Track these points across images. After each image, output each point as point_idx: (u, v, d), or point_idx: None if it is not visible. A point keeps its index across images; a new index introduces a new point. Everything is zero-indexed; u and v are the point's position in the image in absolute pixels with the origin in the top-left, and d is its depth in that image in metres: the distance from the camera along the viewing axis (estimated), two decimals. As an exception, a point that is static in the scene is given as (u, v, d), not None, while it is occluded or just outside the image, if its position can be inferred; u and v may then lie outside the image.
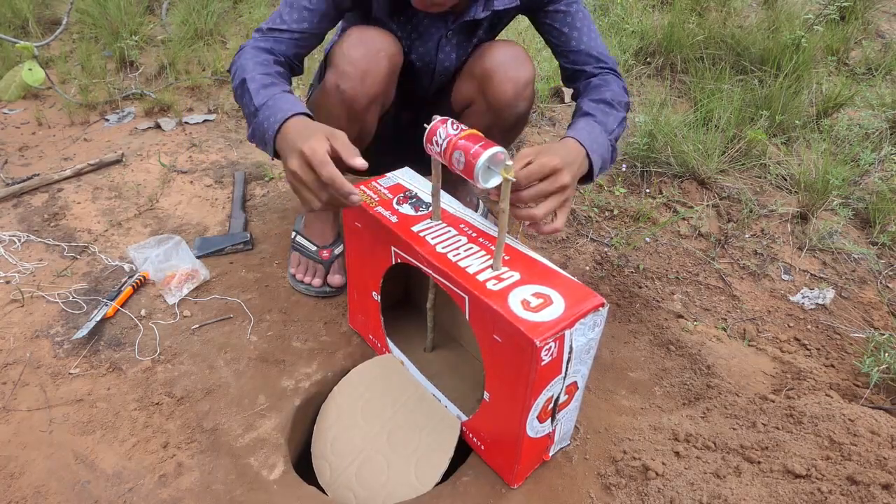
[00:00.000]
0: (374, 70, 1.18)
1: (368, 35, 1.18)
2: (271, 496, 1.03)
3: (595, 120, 1.15)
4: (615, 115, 1.19)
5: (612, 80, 1.23)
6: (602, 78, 1.24)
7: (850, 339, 1.42)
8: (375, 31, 1.19)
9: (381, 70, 1.19)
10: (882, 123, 2.16)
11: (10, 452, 1.08)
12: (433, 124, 0.94)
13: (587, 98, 1.21)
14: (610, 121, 1.17)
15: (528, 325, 0.86)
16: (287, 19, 1.18)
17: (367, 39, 1.18)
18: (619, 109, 1.20)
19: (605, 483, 1.05)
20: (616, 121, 1.18)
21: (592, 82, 1.24)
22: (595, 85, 1.23)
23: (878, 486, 0.94)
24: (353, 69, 1.17)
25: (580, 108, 1.20)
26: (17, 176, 1.81)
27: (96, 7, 2.61)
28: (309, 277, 1.43)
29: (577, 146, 1.07)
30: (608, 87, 1.22)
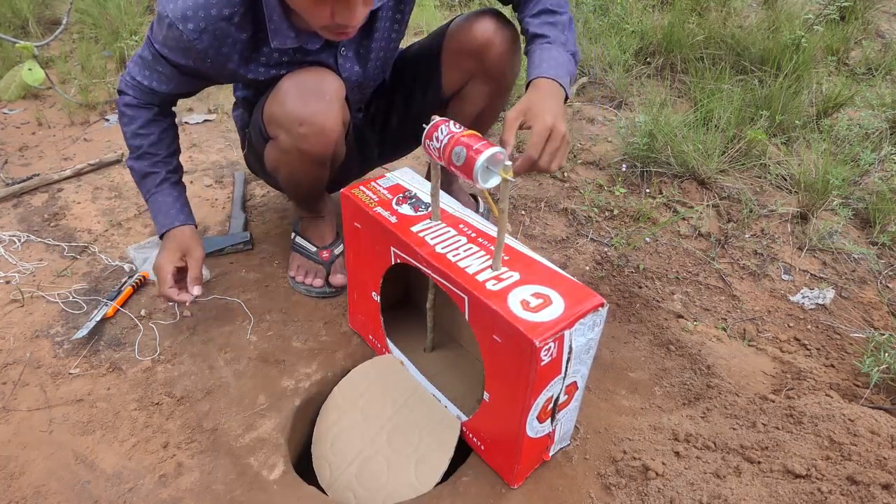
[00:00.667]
0: (330, 121, 1.13)
1: (305, 83, 1.12)
2: (271, 496, 1.03)
3: (548, 41, 1.14)
4: (561, 21, 1.16)
5: None
6: None
7: (850, 339, 1.42)
8: (311, 75, 1.13)
9: (337, 116, 1.15)
10: (882, 123, 2.16)
11: (10, 452, 1.08)
12: (434, 122, 0.94)
13: (528, 14, 1.18)
14: (559, 31, 1.15)
15: (528, 325, 0.86)
16: (148, 76, 1.20)
17: (308, 89, 1.12)
18: (562, 11, 1.17)
19: (605, 483, 1.05)
20: (564, 27, 1.16)
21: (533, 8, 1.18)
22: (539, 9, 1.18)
23: (878, 486, 0.94)
24: (309, 130, 1.12)
25: (527, 30, 1.17)
26: (17, 176, 1.81)
27: (96, 7, 2.61)
28: (310, 279, 1.43)
29: (549, 83, 1.08)
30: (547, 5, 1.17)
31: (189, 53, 1.11)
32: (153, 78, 1.20)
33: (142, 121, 1.24)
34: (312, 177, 1.27)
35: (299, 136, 1.14)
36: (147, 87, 1.21)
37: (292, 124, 1.13)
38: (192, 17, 1.06)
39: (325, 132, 1.14)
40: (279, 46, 1.12)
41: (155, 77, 1.19)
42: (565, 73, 1.12)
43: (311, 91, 1.12)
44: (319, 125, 1.13)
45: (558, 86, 1.09)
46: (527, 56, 1.16)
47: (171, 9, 1.06)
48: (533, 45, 1.16)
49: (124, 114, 1.24)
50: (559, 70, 1.11)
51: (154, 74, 1.19)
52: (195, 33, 1.07)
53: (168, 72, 1.18)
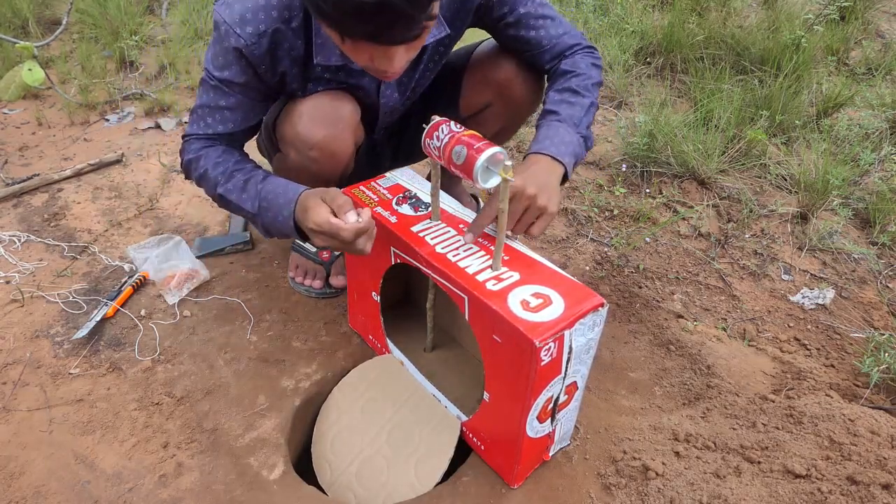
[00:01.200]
0: (342, 146, 1.13)
1: (320, 107, 1.11)
2: (271, 496, 1.03)
3: (559, 119, 1.13)
4: (581, 102, 1.15)
5: (579, 60, 1.19)
6: (570, 60, 1.19)
7: (850, 339, 1.42)
8: (327, 99, 1.11)
9: (349, 141, 1.14)
10: (882, 123, 2.16)
11: (10, 452, 1.08)
12: (435, 122, 0.94)
13: (553, 89, 1.18)
14: (576, 112, 1.14)
15: (528, 325, 0.85)
16: (211, 122, 1.12)
17: (322, 112, 1.11)
18: (586, 95, 1.16)
19: (605, 483, 1.05)
20: (583, 109, 1.15)
21: (560, 68, 1.19)
22: (562, 71, 1.19)
23: (878, 486, 0.94)
24: (320, 154, 1.12)
25: (545, 103, 1.18)
26: (17, 176, 1.81)
27: (96, 7, 2.61)
28: (309, 280, 1.43)
29: (545, 160, 1.07)
30: (576, 70, 1.18)
31: (247, 64, 1.05)
32: (216, 121, 1.12)
33: (215, 154, 1.13)
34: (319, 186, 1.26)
35: (309, 159, 1.13)
36: (210, 135, 1.13)
37: (303, 147, 1.12)
38: (252, 20, 1.01)
39: (336, 157, 1.14)
40: (322, 63, 1.08)
41: (218, 117, 1.12)
42: (569, 153, 1.10)
43: (325, 116, 1.11)
44: (330, 150, 1.12)
45: (555, 163, 1.07)
46: (535, 129, 1.15)
47: (227, 14, 1.01)
48: (542, 120, 1.15)
49: (192, 162, 1.13)
50: (562, 148, 1.09)
51: (216, 115, 1.11)
52: (254, 37, 1.01)
53: (231, 102, 1.10)
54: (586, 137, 1.16)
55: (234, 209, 1.13)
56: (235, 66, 1.06)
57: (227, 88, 1.08)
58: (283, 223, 1.04)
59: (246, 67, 1.06)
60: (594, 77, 1.19)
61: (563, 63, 1.20)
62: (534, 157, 1.08)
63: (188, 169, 1.16)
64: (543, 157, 1.08)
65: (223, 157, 1.12)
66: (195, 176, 1.15)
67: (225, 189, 1.10)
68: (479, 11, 1.16)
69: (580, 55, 1.21)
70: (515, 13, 1.16)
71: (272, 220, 1.06)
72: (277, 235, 1.10)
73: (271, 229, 1.09)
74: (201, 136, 1.13)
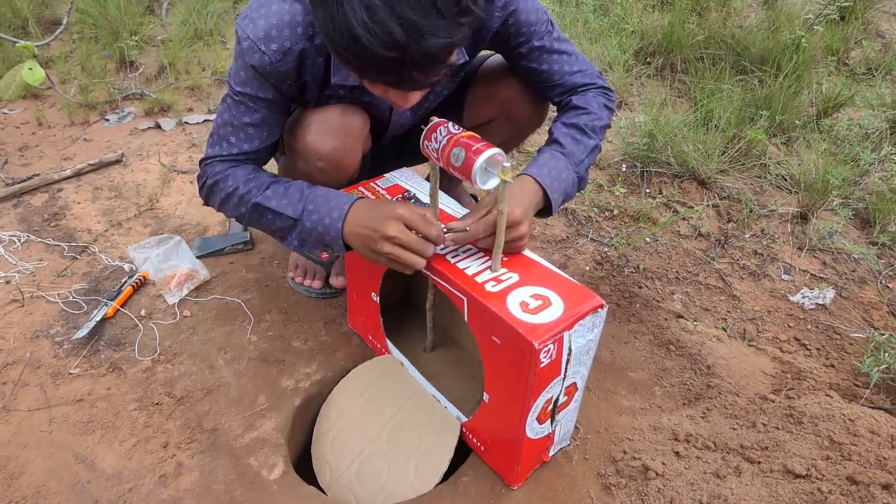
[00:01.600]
0: (349, 158, 1.13)
1: (329, 119, 1.09)
2: (271, 496, 1.03)
3: (562, 151, 1.12)
4: (587, 143, 1.14)
5: (591, 99, 1.18)
6: (583, 97, 1.18)
7: (850, 339, 1.42)
8: (337, 112, 1.10)
9: (356, 154, 1.14)
10: (882, 123, 2.16)
11: (10, 452, 1.08)
12: (434, 123, 0.94)
13: (561, 121, 1.17)
14: (579, 150, 1.13)
15: (527, 327, 0.85)
16: (236, 142, 1.07)
17: (331, 126, 1.09)
18: (592, 136, 1.15)
19: (605, 483, 1.05)
20: (586, 150, 1.14)
21: (572, 102, 1.18)
22: (573, 105, 1.18)
23: (878, 486, 0.94)
24: (328, 165, 1.11)
25: (551, 133, 1.17)
26: (17, 176, 1.81)
27: (96, 7, 2.61)
28: (309, 280, 1.43)
29: (535, 186, 1.06)
30: (587, 108, 1.17)
31: (270, 81, 1.03)
32: (240, 140, 1.07)
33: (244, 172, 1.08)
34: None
35: (316, 169, 1.13)
36: (235, 155, 1.08)
37: (311, 157, 1.11)
38: (277, 37, 0.98)
39: (343, 168, 1.14)
40: (339, 82, 1.06)
41: (242, 136, 1.07)
42: (559, 190, 1.09)
43: (335, 128, 1.09)
44: (338, 162, 1.12)
45: (543, 195, 1.07)
46: (537, 153, 1.14)
47: (251, 30, 0.98)
48: (546, 147, 1.14)
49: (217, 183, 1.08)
50: (555, 183, 1.08)
51: (240, 133, 1.07)
52: (279, 54, 0.99)
53: (255, 118, 1.06)
54: (581, 178, 1.15)
55: (265, 223, 1.07)
56: (259, 83, 1.03)
57: (252, 104, 1.05)
58: (330, 226, 1.00)
59: (270, 83, 1.03)
60: (604, 119, 1.18)
61: (576, 98, 1.18)
62: (528, 182, 1.07)
63: (211, 192, 1.10)
64: (534, 184, 1.07)
65: (255, 174, 1.08)
66: (220, 197, 1.09)
67: (263, 196, 1.05)
68: (494, 39, 1.14)
69: (593, 94, 1.19)
70: (529, 45, 1.14)
71: (315, 224, 1.01)
72: (313, 246, 1.05)
73: (310, 237, 1.03)
74: (225, 158, 1.08)
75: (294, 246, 1.07)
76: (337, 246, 1.01)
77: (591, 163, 1.17)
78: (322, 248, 1.05)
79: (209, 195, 1.12)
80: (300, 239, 1.05)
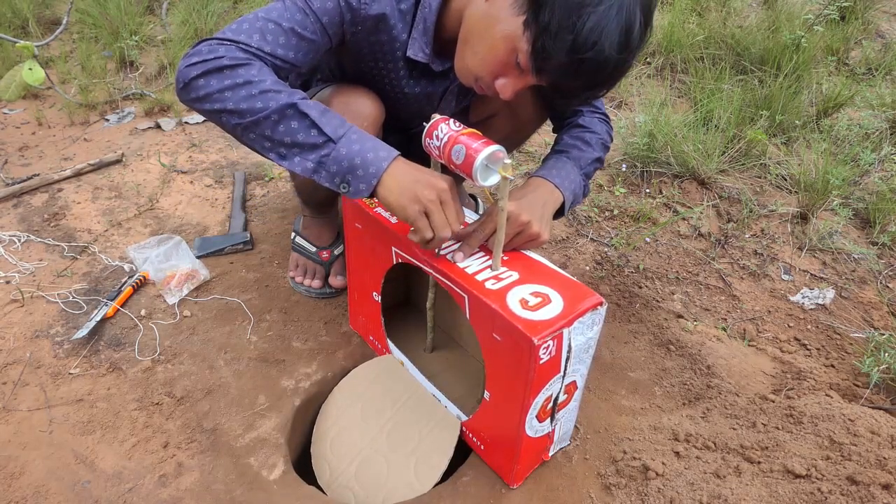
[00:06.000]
0: None
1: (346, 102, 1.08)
2: (271, 496, 1.03)
3: (568, 156, 1.14)
4: (590, 152, 1.17)
5: (596, 123, 1.21)
6: (588, 119, 1.21)
7: (850, 339, 1.41)
8: (355, 95, 1.10)
9: None
10: (882, 123, 2.16)
11: (10, 452, 1.08)
12: (435, 120, 0.94)
13: (566, 134, 1.20)
14: (584, 157, 1.15)
15: (527, 323, 0.86)
16: (271, 41, 0.93)
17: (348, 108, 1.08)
18: (595, 149, 1.18)
19: (605, 483, 1.05)
20: (590, 158, 1.16)
21: (576, 121, 1.21)
22: (577, 124, 1.21)
23: (878, 486, 0.94)
24: None
25: (556, 143, 1.19)
26: (17, 176, 1.81)
27: (96, 7, 2.61)
28: (309, 280, 1.43)
29: (547, 185, 1.08)
30: (590, 127, 1.19)
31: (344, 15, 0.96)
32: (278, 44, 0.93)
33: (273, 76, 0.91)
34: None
35: None
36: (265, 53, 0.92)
37: None
38: None
39: None
40: (412, 56, 1.05)
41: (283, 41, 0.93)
42: (570, 189, 1.10)
43: (351, 112, 1.08)
44: None
45: (556, 192, 1.08)
46: (543, 161, 1.16)
47: None
48: (551, 155, 1.16)
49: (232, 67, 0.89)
50: (566, 182, 1.09)
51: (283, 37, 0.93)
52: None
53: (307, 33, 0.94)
54: (586, 185, 1.17)
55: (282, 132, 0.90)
56: (334, 10, 0.96)
57: (313, 18, 0.95)
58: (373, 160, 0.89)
59: (340, 17, 0.96)
60: (606, 140, 1.21)
61: (580, 119, 1.21)
62: (537, 181, 1.09)
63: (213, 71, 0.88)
64: (547, 183, 1.08)
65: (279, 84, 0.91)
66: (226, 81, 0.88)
67: (302, 102, 0.89)
68: None
69: (598, 119, 1.22)
70: None
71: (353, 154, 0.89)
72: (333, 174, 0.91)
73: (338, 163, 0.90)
74: (251, 49, 0.91)
75: (307, 168, 0.91)
76: (366, 182, 0.90)
77: (593, 174, 1.19)
78: (339, 182, 0.91)
79: (205, 74, 0.89)
80: (320, 162, 0.90)
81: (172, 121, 2.14)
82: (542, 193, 1.07)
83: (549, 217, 1.06)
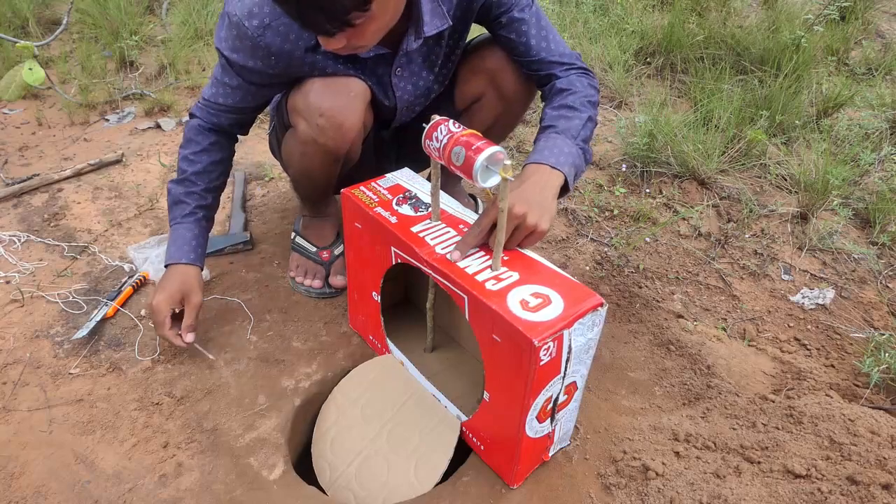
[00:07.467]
0: (350, 118, 1.14)
1: (332, 81, 1.14)
2: (271, 496, 1.03)
3: (556, 131, 1.13)
4: (579, 116, 1.15)
5: (575, 81, 1.19)
6: (566, 79, 1.20)
7: (850, 339, 1.41)
8: (339, 77, 1.15)
9: (357, 114, 1.15)
10: (882, 123, 2.16)
11: (10, 452, 1.08)
12: (435, 121, 0.94)
13: (549, 107, 1.18)
14: (574, 125, 1.14)
15: (527, 324, 0.86)
16: (215, 93, 1.21)
17: (334, 85, 1.13)
18: (583, 110, 1.16)
19: (605, 483, 1.05)
20: (580, 123, 1.15)
21: (556, 86, 1.20)
22: (558, 89, 1.19)
23: (878, 486, 0.94)
24: (328, 122, 1.13)
25: (542, 120, 1.18)
26: (17, 176, 1.81)
27: (96, 7, 2.61)
28: (309, 280, 1.43)
29: (542, 170, 1.06)
30: (571, 88, 1.18)
31: (256, 53, 1.10)
32: (220, 93, 1.20)
33: (197, 147, 1.25)
34: (324, 171, 1.26)
35: (317, 128, 1.14)
36: (213, 104, 1.22)
37: (312, 114, 1.14)
38: (258, 14, 1.05)
39: (343, 128, 1.15)
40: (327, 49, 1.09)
41: (221, 91, 1.20)
42: (568, 163, 1.09)
43: (337, 88, 1.13)
44: (339, 120, 1.14)
45: (553, 172, 1.07)
46: (533, 145, 1.15)
47: (238, 7, 1.06)
48: (540, 135, 1.15)
49: (186, 137, 1.26)
50: (560, 158, 1.08)
51: (221, 88, 1.20)
52: (259, 29, 1.06)
53: (233, 80, 1.17)
54: (585, 150, 1.15)
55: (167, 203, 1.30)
56: (244, 53, 1.11)
57: (233, 70, 1.15)
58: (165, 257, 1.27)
59: (252, 55, 1.11)
60: (591, 96, 1.19)
61: (559, 81, 1.20)
62: (530, 168, 1.07)
63: (183, 139, 1.28)
64: (540, 167, 1.07)
65: (196, 157, 1.26)
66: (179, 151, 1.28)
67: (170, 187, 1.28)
68: (481, 10, 1.18)
69: (576, 75, 1.21)
70: (510, 15, 1.17)
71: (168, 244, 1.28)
72: None
73: None
74: (206, 106, 1.24)
75: None
76: None
77: (591, 135, 1.18)
78: None
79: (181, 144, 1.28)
80: None
81: (172, 121, 2.14)
82: (537, 179, 1.05)
83: (550, 202, 1.04)
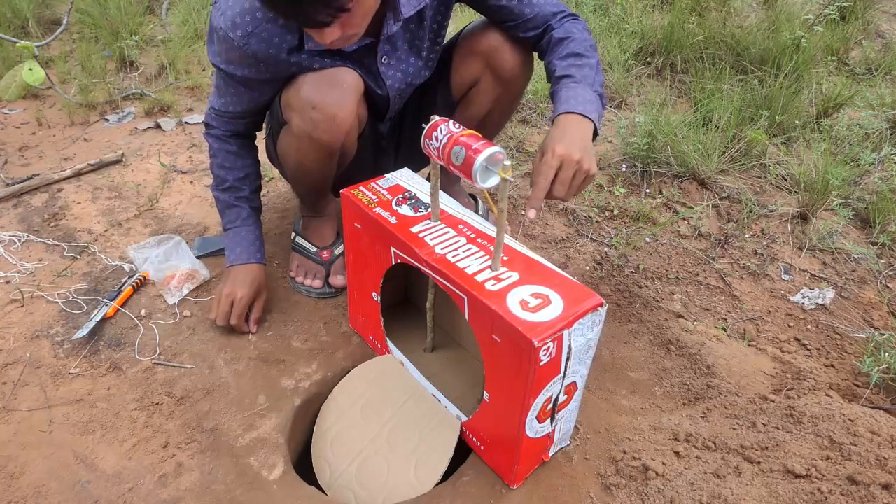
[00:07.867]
0: (343, 110, 1.15)
1: (324, 74, 1.15)
2: (271, 496, 1.03)
3: (574, 80, 1.14)
4: (589, 63, 1.16)
5: (571, 28, 1.20)
6: (562, 28, 1.20)
7: (850, 339, 1.41)
8: (331, 70, 1.16)
9: (350, 105, 1.16)
10: (882, 123, 2.16)
11: (10, 452, 1.08)
12: (434, 121, 0.94)
13: (556, 57, 1.19)
14: (588, 72, 1.15)
15: (527, 325, 0.86)
16: (224, 102, 1.25)
17: (326, 78, 1.14)
18: (590, 56, 1.18)
19: (605, 483, 1.05)
20: (592, 69, 1.16)
21: (554, 36, 1.20)
22: (557, 39, 1.19)
23: (878, 486, 0.94)
24: (322, 115, 1.14)
25: (553, 72, 1.18)
26: (17, 176, 1.81)
27: (96, 7, 2.61)
28: (309, 280, 1.43)
29: (573, 118, 1.08)
30: (570, 35, 1.19)
31: (245, 61, 1.13)
32: (229, 102, 1.24)
33: (229, 156, 1.31)
34: (320, 166, 1.26)
35: (311, 122, 1.15)
36: (226, 113, 1.27)
37: (305, 108, 1.14)
38: (240, 24, 1.08)
39: (337, 120, 1.15)
40: (312, 48, 1.13)
41: (230, 100, 1.24)
42: (594, 110, 1.11)
43: (329, 80, 1.14)
44: (332, 113, 1.14)
45: (585, 120, 1.08)
46: (552, 97, 1.16)
47: (222, 21, 1.09)
48: (558, 85, 1.15)
49: (213, 149, 1.32)
50: (588, 106, 1.10)
51: (229, 97, 1.24)
52: (243, 39, 1.09)
53: (236, 89, 1.21)
54: (602, 97, 1.16)
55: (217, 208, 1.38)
56: (235, 63, 1.15)
57: (231, 78, 1.19)
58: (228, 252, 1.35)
59: (243, 64, 1.15)
60: (589, 40, 1.20)
61: (556, 32, 1.20)
62: (565, 118, 1.08)
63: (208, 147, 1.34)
64: (574, 116, 1.08)
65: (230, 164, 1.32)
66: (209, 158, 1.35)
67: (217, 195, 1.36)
68: None
69: (569, 22, 1.22)
70: None
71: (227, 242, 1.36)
72: None
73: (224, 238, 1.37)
74: (219, 115, 1.28)
75: None
76: None
77: (603, 80, 1.19)
78: None
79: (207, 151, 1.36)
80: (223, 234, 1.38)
81: (172, 121, 2.14)
82: (577, 129, 1.06)
83: (591, 147, 1.06)
